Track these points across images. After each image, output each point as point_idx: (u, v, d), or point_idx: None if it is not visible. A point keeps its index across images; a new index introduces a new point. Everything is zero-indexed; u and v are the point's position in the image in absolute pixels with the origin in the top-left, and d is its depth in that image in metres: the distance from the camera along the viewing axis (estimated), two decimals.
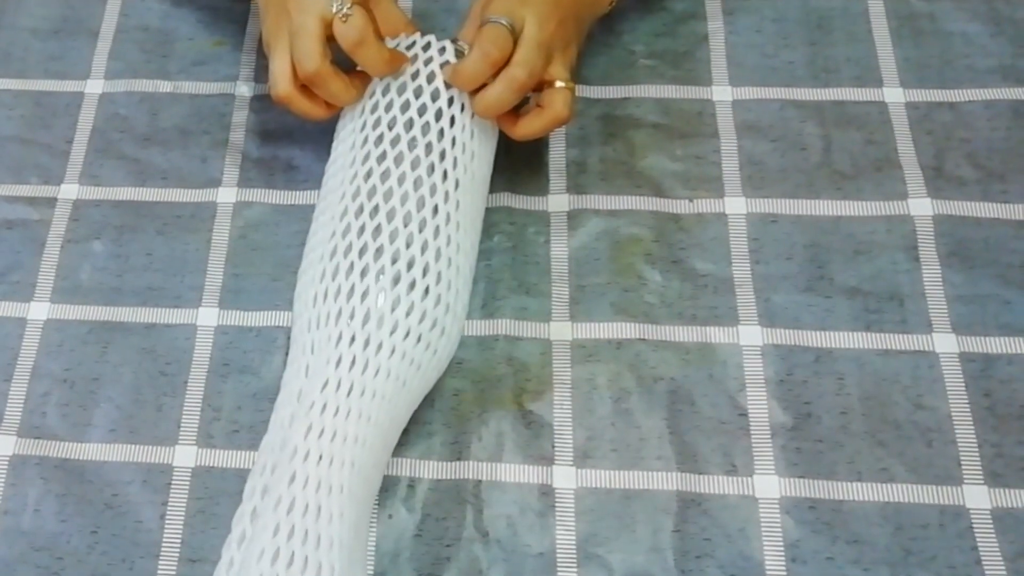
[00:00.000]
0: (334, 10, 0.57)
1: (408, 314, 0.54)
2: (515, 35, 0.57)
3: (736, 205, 0.65)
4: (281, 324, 0.62)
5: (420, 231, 0.55)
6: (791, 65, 0.70)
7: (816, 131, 0.67)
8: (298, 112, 0.61)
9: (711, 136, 0.67)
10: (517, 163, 0.66)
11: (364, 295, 0.54)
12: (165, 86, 0.72)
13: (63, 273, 0.65)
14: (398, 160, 0.57)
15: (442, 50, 0.60)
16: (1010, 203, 0.64)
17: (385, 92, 0.59)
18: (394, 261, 0.54)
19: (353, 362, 0.53)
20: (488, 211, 0.65)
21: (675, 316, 0.62)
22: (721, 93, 0.69)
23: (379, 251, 0.55)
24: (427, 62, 0.59)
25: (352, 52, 0.58)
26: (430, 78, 0.59)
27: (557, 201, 0.66)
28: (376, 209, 0.56)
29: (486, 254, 0.64)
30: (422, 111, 0.58)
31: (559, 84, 0.59)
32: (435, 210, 0.56)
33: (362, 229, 0.55)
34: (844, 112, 0.68)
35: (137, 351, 0.62)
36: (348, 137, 0.60)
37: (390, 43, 0.61)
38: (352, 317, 0.53)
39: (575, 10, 0.62)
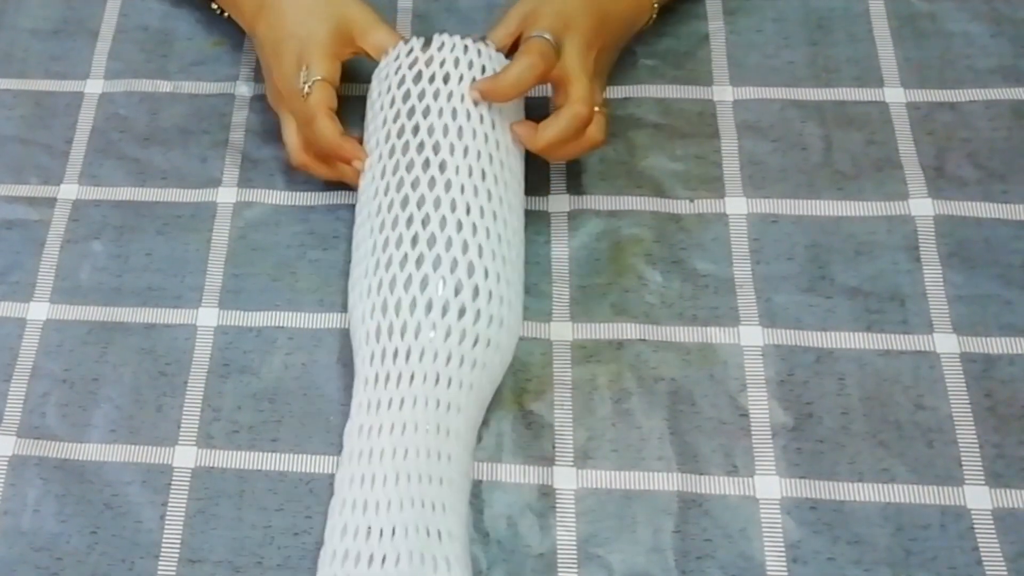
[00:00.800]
0: (299, 84, 0.61)
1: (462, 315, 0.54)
2: (557, 54, 0.58)
3: (737, 205, 0.65)
4: (281, 324, 0.62)
5: (474, 234, 0.55)
6: (792, 65, 0.70)
7: (817, 131, 0.67)
8: (320, 176, 0.64)
9: (712, 136, 0.67)
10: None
11: (424, 285, 0.54)
12: (165, 86, 0.72)
13: (63, 273, 0.65)
14: (440, 166, 0.56)
15: (466, 48, 0.59)
16: (1011, 203, 0.64)
17: (404, 99, 0.59)
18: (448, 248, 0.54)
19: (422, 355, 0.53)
20: None
21: (676, 316, 0.61)
22: (722, 93, 0.69)
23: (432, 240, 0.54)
24: (442, 63, 0.59)
25: (304, 128, 0.61)
26: (446, 79, 0.58)
27: (557, 201, 0.66)
28: (424, 216, 0.55)
29: None
30: (440, 113, 0.57)
31: (595, 110, 0.60)
32: (481, 212, 0.56)
33: (409, 221, 0.55)
34: (845, 112, 0.68)
35: (137, 351, 0.62)
36: (376, 148, 0.59)
37: (398, 49, 0.61)
38: (414, 308, 0.53)
39: (615, 38, 0.64)
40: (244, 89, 0.71)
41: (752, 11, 0.72)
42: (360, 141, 0.61)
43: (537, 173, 0.66)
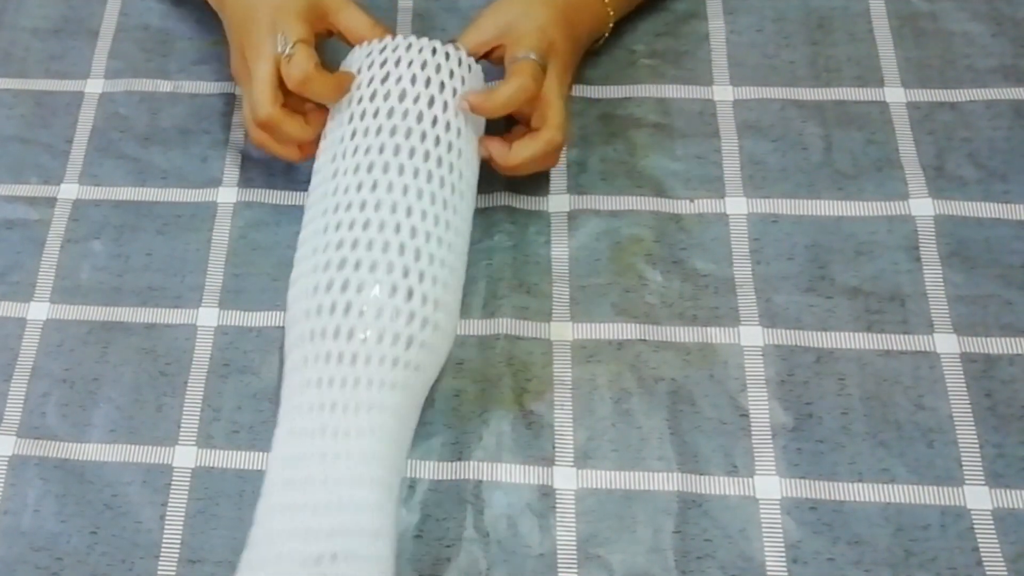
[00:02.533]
0: (279, 50, 0.59)
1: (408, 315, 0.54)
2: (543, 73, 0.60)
3: (737, 205, 0.65)
4: (281, 324, 0.62)
5: (412, 237, 0.55)
6: (792, 65, 0.70)
7: (817, 131, 0.67)
8: (272, 154, 0.63)
9: (712, 136, 0.67)
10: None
11: (360, 288, 0.54)
12: (165, 85, 0.72)
13: (63, 273, 0.65)
14: (385, 167, 0.56)
15: (434, 51, 0.59)
16: (1011, 203, 0.64)
17: (371, 98, 0.58)
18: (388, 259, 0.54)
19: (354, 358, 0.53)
20: (489, 211, 0.65)
21: (676, 316, 0.61)
22: (722, 93, 0.69)
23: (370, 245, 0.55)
24: (409, 63, 0.59)
25: (299, 90, 0.59)
26: (413, 80, 0.58)
27: (558, 201, 0.66)
28: (364, 215, 0.55)
29: (487, 253, 0.64)
30: (405, 115, 0.57)
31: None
32: (423, 215, 0.56)
33: (352, 224, 0.55)
34: (845, 112, 0.68)
35: (137, 351, 0.62)
36: (331, 147, 0.59)
37: (364, 48, 0.60)
38: (348, 311, 0.53)
39: (579, 58, 0.66)
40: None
41: (752, 11, 0.72)
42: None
43: (537, 173, 0.66)
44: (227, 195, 0.67)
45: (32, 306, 0.64)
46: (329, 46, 0.64)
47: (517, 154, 0.60)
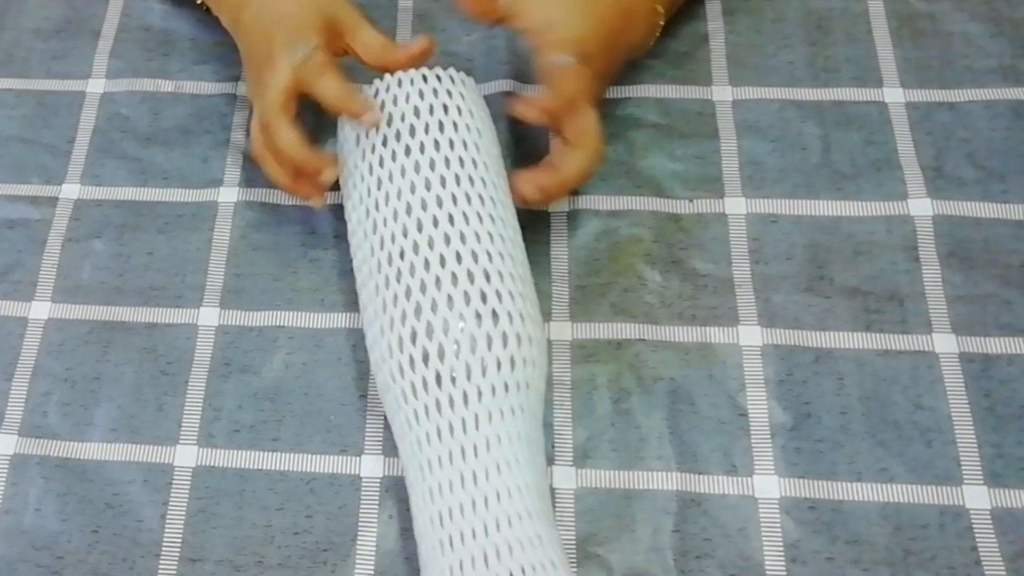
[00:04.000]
0: (297, 57, 0.58)
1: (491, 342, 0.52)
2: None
3: (736, 205, 0.65)
4: (282, 324, 0.63)
5: (475, 261, 0.54)
6: (791, 65, 0.70)
7: (816, 131, 0.67)
8: (271, 176, 0.62)
9: (711, 136, 0.67)
10: (517, 164, 0.66)
11: (445, 328, 0.52)
12: (167, 86, 0.72)
13: (64, 272, 0.65)
14: (423, 205, 0.55)
15: (412, 81, 0.59)
16: (1010, 203, 0.64)
17: (383, 143, 0.57)
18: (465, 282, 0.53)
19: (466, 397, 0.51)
20: None
21: (675, 316, 0.62)
22: (721, 93, 0.69)
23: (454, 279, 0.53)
24: (407, 98, 0.58)
25: (310, 89, 0.59)
26: (417, 112, 0.57)
27: (557, 201, 0.66)
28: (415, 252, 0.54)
29: None
30: (422, 148, 0.57)
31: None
32: (477, 237, 0.54)
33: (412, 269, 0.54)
34: (844, 112, 0.68)
35: (138, 351, 0.62)
36: (358, 202, 0.58)
37: (389, 80, 0.60)
38: (442, 355, 0.51)
39: (616, 67, 0.65)
40: (245, 89, 0.71)
41: (751, 11, 0.72)
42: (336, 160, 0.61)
43: None
44: (228, 195, 0.67)
45: (33, 305, 0.64)
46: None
47: (568, 170, 0.58)
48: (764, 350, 0.60)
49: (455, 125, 0.58)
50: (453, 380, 0.51)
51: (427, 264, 0.53)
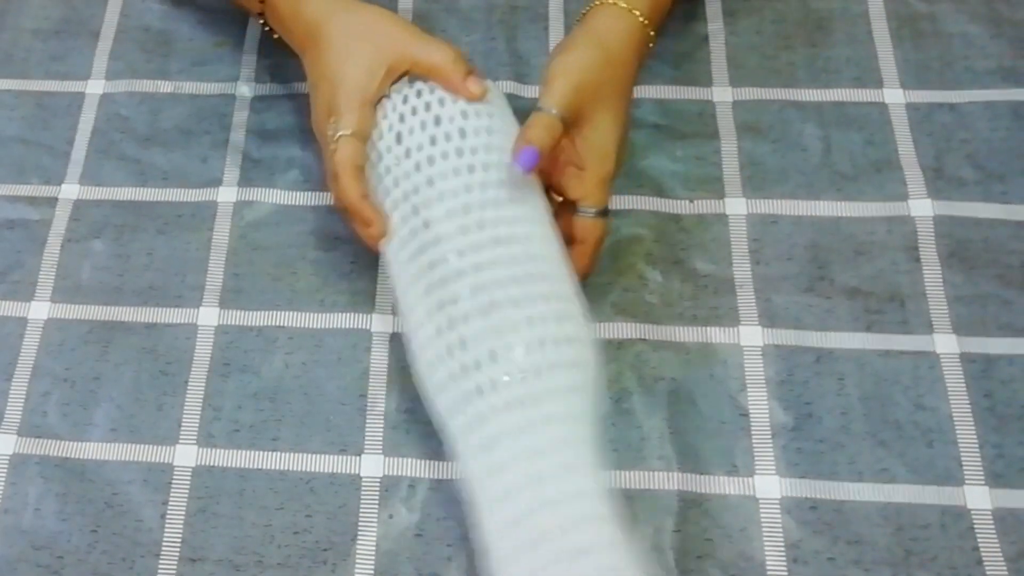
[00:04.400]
0: (330, 133, 0.58)
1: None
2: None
3: (736, 206, 0.65)
4: (281, 324, 0.62)
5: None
6: (791, 66, 0.70)
7: (816, 132, 0.67)
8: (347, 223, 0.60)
9: (711, 137, 0.68)
10: None
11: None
12: (166, 86, 0.72)
13: (64, 273, 0.65)
14: (463, 230, 0.55)
15: (405, 98, 0.58)
16: (1010, 204, 0.64)
17: (407, 177, 0.57)
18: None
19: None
20: None
21: (676, 316, 0.62)
22: (721, 94, 0.69)
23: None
24: (413, 112, 0.58)
25: (329, 178, 0.58)
26: (423, 126, 0.57)
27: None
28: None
29: None
30: (444, 176, 0.56)
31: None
32: (510, 239, 0.54)
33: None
34: (844, 113, 0.68)
35: (138, 350, 0.62)
36: (396, 226, 0.57)
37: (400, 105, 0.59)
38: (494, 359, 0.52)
39: (627, 88, 0.62)
40: (245, 89, 0.71)
41: (751, 12, 0.73)
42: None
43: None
44: (227, 195, 0.67)
45: (33, 305, 0.64)
46: None
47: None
48: (765, 350, 0.60)
49: (462, 132, 0.57)
50: (522, 380, 0.51)
51: (493, 263, 0.53)
